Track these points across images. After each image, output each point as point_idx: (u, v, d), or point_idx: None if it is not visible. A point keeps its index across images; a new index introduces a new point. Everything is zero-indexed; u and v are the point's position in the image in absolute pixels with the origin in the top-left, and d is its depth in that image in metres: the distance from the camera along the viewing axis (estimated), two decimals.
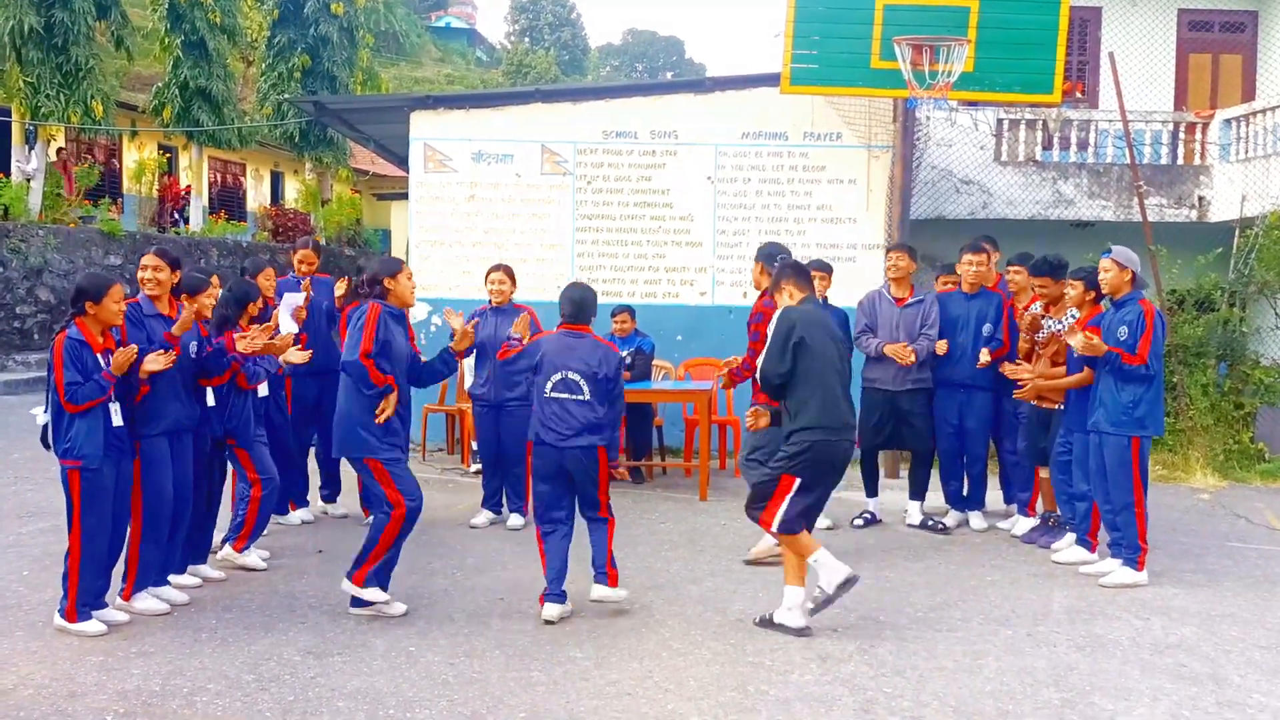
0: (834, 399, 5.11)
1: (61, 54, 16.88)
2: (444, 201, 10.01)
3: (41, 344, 15.07)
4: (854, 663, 4.69)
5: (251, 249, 20.53)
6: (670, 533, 7.06)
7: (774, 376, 5.13)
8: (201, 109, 20.09)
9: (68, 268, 15.86)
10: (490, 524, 7.14)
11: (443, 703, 4.18)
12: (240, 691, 4.26)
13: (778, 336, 5.13)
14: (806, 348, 5.06)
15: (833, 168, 9.84)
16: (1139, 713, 4.20)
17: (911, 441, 7.26)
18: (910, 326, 7.12)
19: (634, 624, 5.16)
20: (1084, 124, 11.62)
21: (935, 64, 8.27)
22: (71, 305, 4.88)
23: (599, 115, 10.02)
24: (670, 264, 9.99)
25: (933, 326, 7.10)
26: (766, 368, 5.17)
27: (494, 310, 7.09)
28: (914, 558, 6.51)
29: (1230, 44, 13.29)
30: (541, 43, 53.65)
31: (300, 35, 22.90)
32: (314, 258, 7.29)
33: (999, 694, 4.36)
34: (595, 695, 4.28)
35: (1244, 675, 4.63)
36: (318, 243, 7.85)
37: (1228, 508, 8.17)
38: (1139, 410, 5.91)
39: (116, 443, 4.88)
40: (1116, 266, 6.05)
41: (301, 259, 7.25)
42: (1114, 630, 5.19)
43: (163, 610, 5.19)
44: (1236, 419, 9.87)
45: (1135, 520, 5.93)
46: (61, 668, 4.48)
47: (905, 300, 7.20)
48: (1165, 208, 11.33)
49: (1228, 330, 10.22)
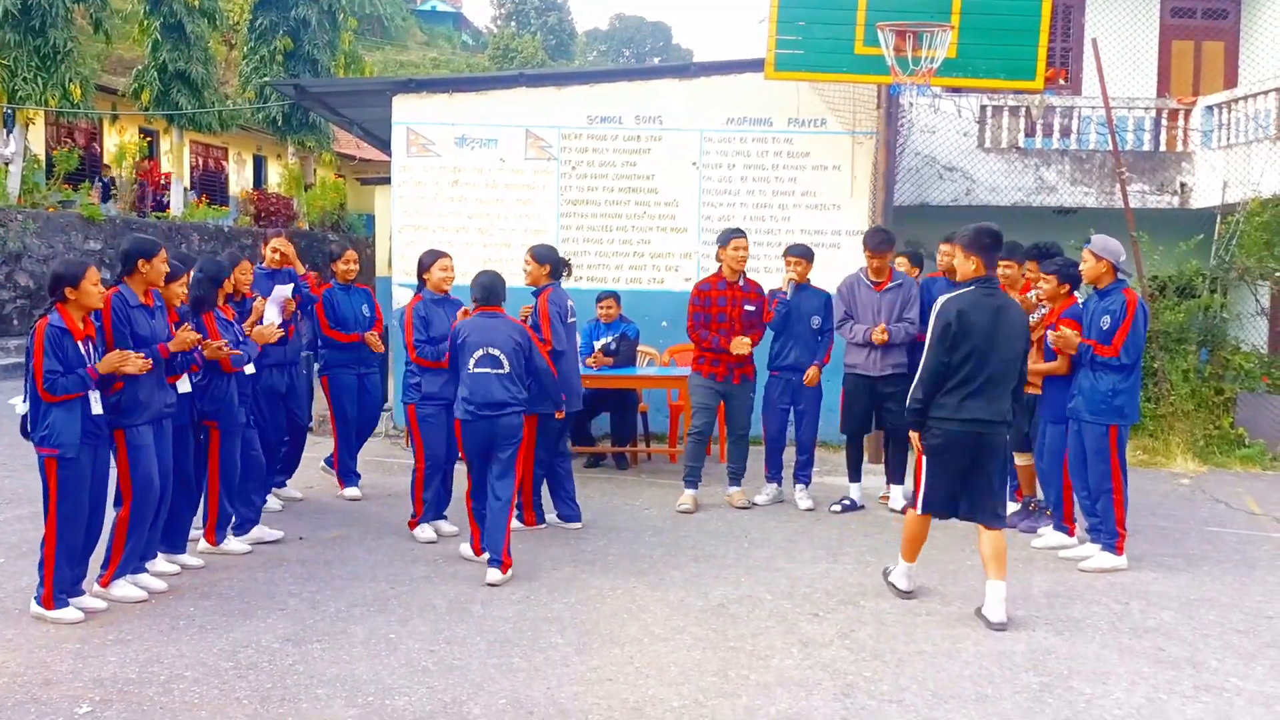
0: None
1: (39, 36, 16.70)
2: (427, 186, 9.94)
3: (20, 330, 14.95)
4: (834, 647, 4.70)
5: (233, 234, 20.39)
6: (654, 518, 7.07)
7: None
8: (181, 92, 19.91)
9: (47, 252, 15.72)
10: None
11: (422, 690, 4.17)
12: (218, 679, 4.24)
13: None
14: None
15: (817, 154, 9.82)
16: (1117, 696, 4.22)
17: (890, 425, 7.27)
18: (889, 311, 7.13)
19: (616, 610, 5.16)
20: (1067, 110, 11.64)
21: (919, 50, 8.26)
22: (50, 294, 4.83)
23: (584, 100, 9.96)
24: (655, 250, 9.96)
25: (912, 311, 7.10)
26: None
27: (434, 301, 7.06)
28: (895, 543, 6.49)
29: (1213, 31, 13.33)
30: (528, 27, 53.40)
31: (282, 18, 22.72)
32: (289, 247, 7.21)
33: (977, 677, 4.38)
34: (576, 681, 4.27)
35: (1221, 659, 4.66)
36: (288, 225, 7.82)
37: (1207, 493, 8.23)
38: (1118, 399, 5.94)
39: (94, 430, 4.84)
40: (1093, 257, 6.06)
41: (274, 248, 7.15)
42: (1093, 614, 5.22)
43: (140, 598, 5.16)
44: (1217, 404, 9.93)
45: (1114, 506, 5.97)
46: (37, 655, 4.44)
47: (884, 285, 7.21)
48: (1147, 194, 11.38)
49: (1209, 316, 10.28)
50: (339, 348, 7.33)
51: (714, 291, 7.28)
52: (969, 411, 5.04)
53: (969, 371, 5.02)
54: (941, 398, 5.09)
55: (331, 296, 7.34)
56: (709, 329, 7.22)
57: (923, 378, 5.14)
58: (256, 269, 7.01)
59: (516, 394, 5.77)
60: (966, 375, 5.03)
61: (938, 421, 5.10)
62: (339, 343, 7.32)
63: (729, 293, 7.25)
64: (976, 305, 5.04)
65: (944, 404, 5.08)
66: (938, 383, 5.08)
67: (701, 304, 7.27)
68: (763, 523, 6.98)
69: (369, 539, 6.41)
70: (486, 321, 5.84)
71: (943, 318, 5.05)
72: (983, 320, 5.02)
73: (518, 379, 5.79)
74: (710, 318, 7.23)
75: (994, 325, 5.04)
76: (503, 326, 5.84)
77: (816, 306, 7.30)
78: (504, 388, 5.72)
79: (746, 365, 7.32)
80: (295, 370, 7.12)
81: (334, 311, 7.31)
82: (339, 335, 7.30)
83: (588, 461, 8.82)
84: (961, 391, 5.04)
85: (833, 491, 7.63)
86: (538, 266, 6.58)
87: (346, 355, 7.34)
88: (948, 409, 5.07)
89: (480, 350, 5.73)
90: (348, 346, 7.31)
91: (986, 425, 5.06)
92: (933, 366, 5.08)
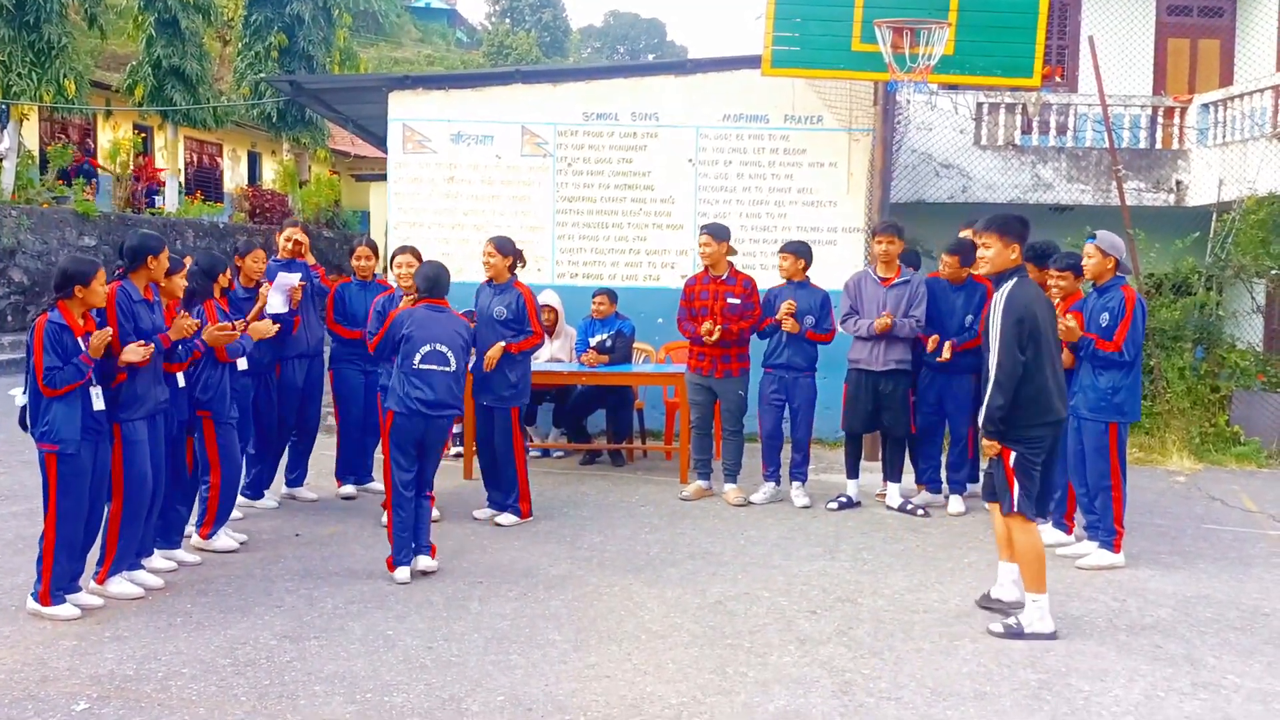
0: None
1: (34, 32, 16.63)
2: (423, 183, 9.92)
3: (15, 326, 14.89)
4: (832, 644, 4.70)
5: (228, 230, 20.33)
6: (650, 515, 7.06)
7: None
8: (175, 88, 19.84)
9: (41, 248, 15.65)
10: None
11: (420, 686, 4.16)
12: (215, 675, 4.22)
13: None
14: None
15: (814, 151, 9.82)
16: (1115, 693, 4.23)
17: (888, 424, 7.27)
18: (896, 306, 7.12)
19: (613, 607, 5.16)
20: (1063, 108, 11.65)
21: (915, 47, 8.25)
22: (57, 290, 4.79)
23: (580, 97, 9.95)
24: (651, 247, 9.95)
25: (919, 308, 7.10)
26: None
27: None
28: (892, 540, 6.53)
29: (1209, 29, 13.35)
30: (522, 24, 53.26)
31: (277, 14, 22.65)
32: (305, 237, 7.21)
33: (976, 675, 4.38)
34: (574, 678, 4.27)
35: (1219, 656, 4.67)
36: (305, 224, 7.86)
37: (1203, 490, 8.24)
38: (1118, 397, 5.95)
39: (95, 426, 4.83)
40: (1100, 253, 6.06)
41: (289, 237, 7.15)
42: (1090, 611, 5.23)
43: (137, 594, 5.15)
44: (1213, 402, 9.95)
45: (1112, 503, 5.97)
46: (34, 652, 4.43)
47: (891, 280, 7.20)
48: (1143, 192, 11.39)
49: (1204, 314, 10.29)
50: (344, 343, 7.30)
51: (699, 286, 7.47)
52: (1053, 414, 4.81)
53: (1042, 369, 4.76)
54: (1020, 402, 4.75)
55: (344, 291, 7.29)
56: (692, 322, 7.38)
57: (1001, 380, 4.73)
58: (271, 260, 7.02)
59: (458, 393, 5.71)
60: (1040, 373, 4.76)
61: (1026, 429, 4.78)
62: (343, 338, 7.29)
63: (712, 286, 7.39)
64: (1037, 298, 4.83)
65: (1026, 411, 4.76)
66: (1016, 384, 4.72)
67: (687, 298, 7.51)
68: (760, 520, 6.97)
69: (366, 535, 6.40)
70: (432, 315, 5.71)
71: (1013, 313, 4.72)
72: (1044, 313, 4.83)
73: (460, 378, 5.73)
74: (694, 311, 7.41)
75: (1050, 316, 4.90)
76: (448, 322, 5.72)
77: (811, 305, 7.29)
78: (448, 387, 5.63)
79: (733, 360, 7.36)
80: (315, 364, 7.12)
81: (343, 306, 7.24)
82: (342, 330, 7.25)
83: (583, 459, 8.81)
84: (1039, 392, 4.75)
85: (830, 489, 7.63)
86: (503, 258, 6.71)
87: (352, 351, 7.28)
88: (1032, 415, 4.77)
89: (427, 346, 5.59)
90: (352, 342, 7.26)
91: (1060, 424, 4.91)
92: (1010, 367, 4.70)
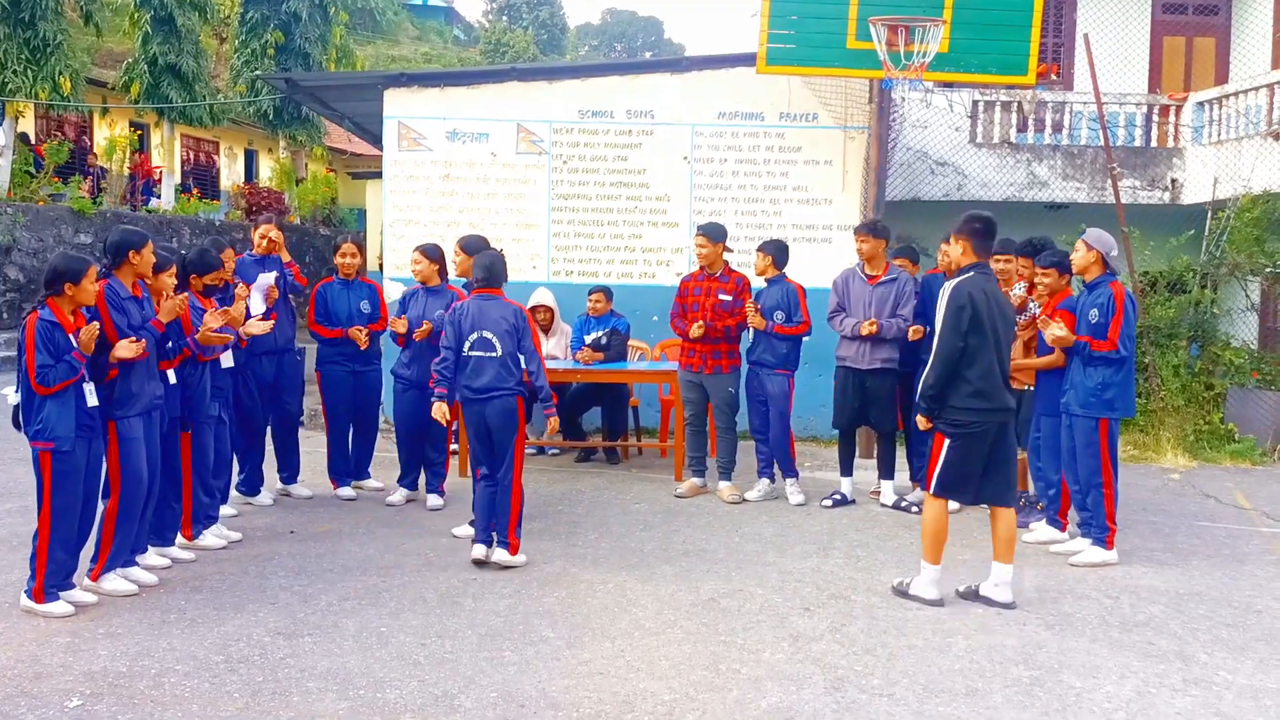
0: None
1: (29, 29, 16.58)
2: (419, 180, 9.92)
3: (10, 323, 14.86)
4: (825, 641, 4.71)
5: (224, 227, 20.30)
6: (645, 512, 7.07)
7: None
8: (171, 86, 19.80)
9: (37, 246, 15.63)
10: (406, 501, 7.17)
11: (414, 683, 4.17)
12: (209, 672, 4.23)
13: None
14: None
15: (809, 148, 9.82)
16: (1107, 690, 4.24)
17: (876, 421, 7.28)
18: (882, 304, 7.13)
19: (607, 603, 5.16)
20: (1058, 106, 11.66)
21: (910, 45, 8.26)
22: (47, 287, 4.79)
23: (575, 94, 9.94)
24: (646, 244, 9.96)
25: (906, 307, 7.10)
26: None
27: (426, 291, 7.14)
28: (886, 537, 6.54)
29: (1204, 27, 13.36)
30: (520, 21, 53.21)
31: (273, 11, 22.61)
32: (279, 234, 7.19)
33: (968, 671, 4.39)
34: (567, 675, 4.27)
35: (1210, 653, 4.68)
36: (281, 217, 7.85)
37: (1197, 487, 8.26)
38: (1108, 393, 5.95)
39: (88, 423, 4.83)
40: (1085, 247, 6.08)
41: (263, 234, 7.13)
42: (1083, 609, 5.24)
43: (131, 591, 5.15)
44: (1207, 400, 9.98)
45: (1104, 500, 5.99)
46: (27, 649, 4.43)
47: (878, 279, 7.21)
48: (1138, 190, 11.41)
49: (1199, 312, 10.32)
50: (326, 342, 7.30)
51: (692, 283, 7.52)
52: (988, 400, 5.04)
53: (983, 356, 5.02)
54: (956, 385, 5.05)
55: (326, 290, 7.30)
56: (684, 319, 7.43)
57: (936, 363, 5.09)
58: (246, 255, 7.01)
59: (507, 377, 5.79)
60: (981, 359, 5.02)
61: (957, 412, 5.08)
62: (324, 338, 7.28)
63: (705, 284, 7.44)
64: (984, 290, 5.06)
65: (959, 391, 5.06)
66: (951, 367, 5.05)
67: (680, 295, 7.56)
68: (753, 517, 6.98)
69: (360, 532, 6.41)
70: (482, 304, 5.88)
71: (955, 301, 5.03)
72: (991, 305, 5.05)
73: (512, 362, 5.83)
74: (686, 308, 7.46)
75: (1001, 310, 5.10)
76: (496, 309, 5.86)
77: (777, 301, 7.29)
78: (495, 372, 5.76)
79: (723, 357, 7.38)
80: (286, 359, 7.10)
81: (325, 305, 7.25)
82: (322, 330, 7.24)
83: (578, 456, 8.81)
84: (976, 377, 5.02)
85: (823, 486, 7.64)
86: (466, 257, 6.65)
87: (336, 350, 7.28)
88: (962, 396, 5.05)
89: (475, 334, 5.79)
90: (334, 341, 7.26)
91: (1006, 412, 5.10)
92: (946, 352, 5.04)
